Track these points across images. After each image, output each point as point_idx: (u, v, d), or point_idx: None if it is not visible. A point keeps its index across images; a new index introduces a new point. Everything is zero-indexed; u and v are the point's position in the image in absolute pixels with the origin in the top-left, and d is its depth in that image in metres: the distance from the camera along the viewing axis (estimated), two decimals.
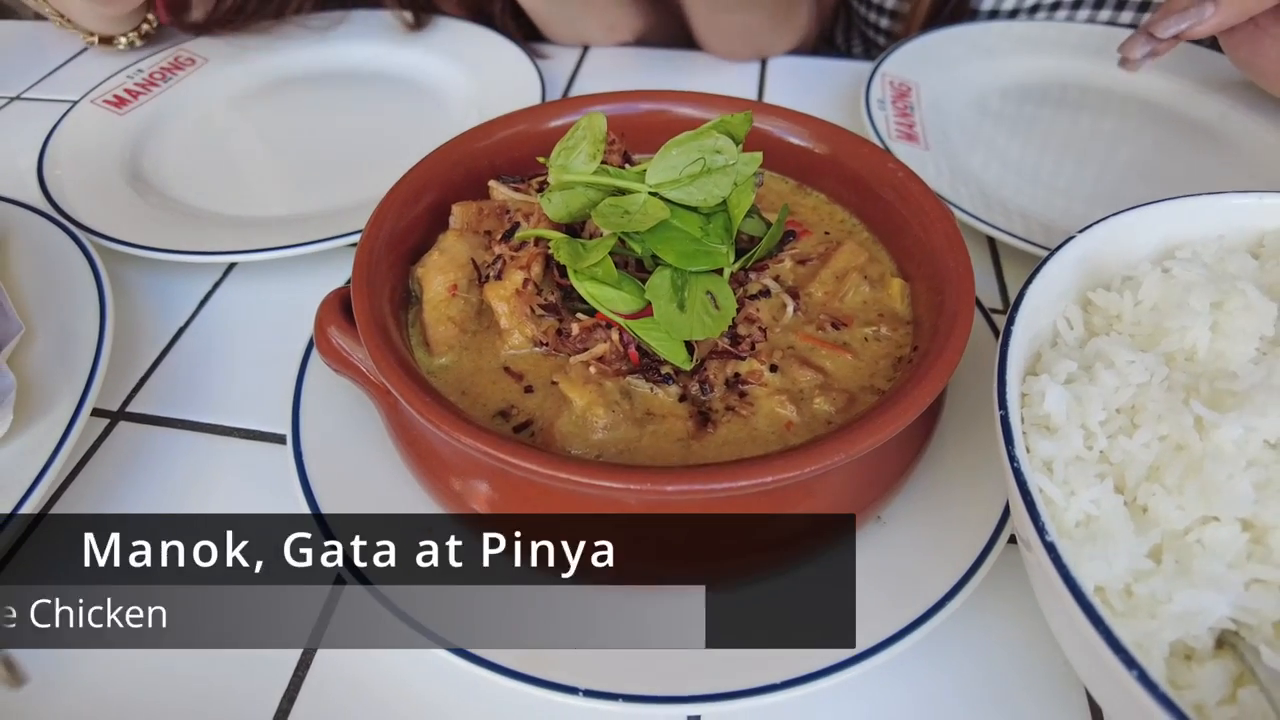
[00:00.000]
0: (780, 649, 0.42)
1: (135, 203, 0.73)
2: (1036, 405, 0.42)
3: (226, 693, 0.46)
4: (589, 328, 0.47)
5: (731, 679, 0.42)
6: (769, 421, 0.45)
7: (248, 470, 0.56)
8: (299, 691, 0.45)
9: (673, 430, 0.45)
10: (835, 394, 0.46)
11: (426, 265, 0.50)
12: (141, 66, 0.89)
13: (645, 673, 0.42)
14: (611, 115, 0.60)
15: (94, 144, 0.79)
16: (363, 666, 0.46)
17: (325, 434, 0.52)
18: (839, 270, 0.53)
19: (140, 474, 0.56)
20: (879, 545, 0.47)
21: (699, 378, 0.46)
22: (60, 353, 0.57)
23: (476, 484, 0.44)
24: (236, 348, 0.65)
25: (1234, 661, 0.36)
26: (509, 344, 0.49)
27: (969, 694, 0.45)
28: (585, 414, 0.44)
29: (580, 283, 0.46)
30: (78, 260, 0.64)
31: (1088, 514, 0.38)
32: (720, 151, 0.47)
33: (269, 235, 0.68)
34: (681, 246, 0.46)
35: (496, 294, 0.48)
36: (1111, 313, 0.48)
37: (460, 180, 0.56)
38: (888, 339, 0.50)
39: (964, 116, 0.82)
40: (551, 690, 0.40)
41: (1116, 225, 0.50)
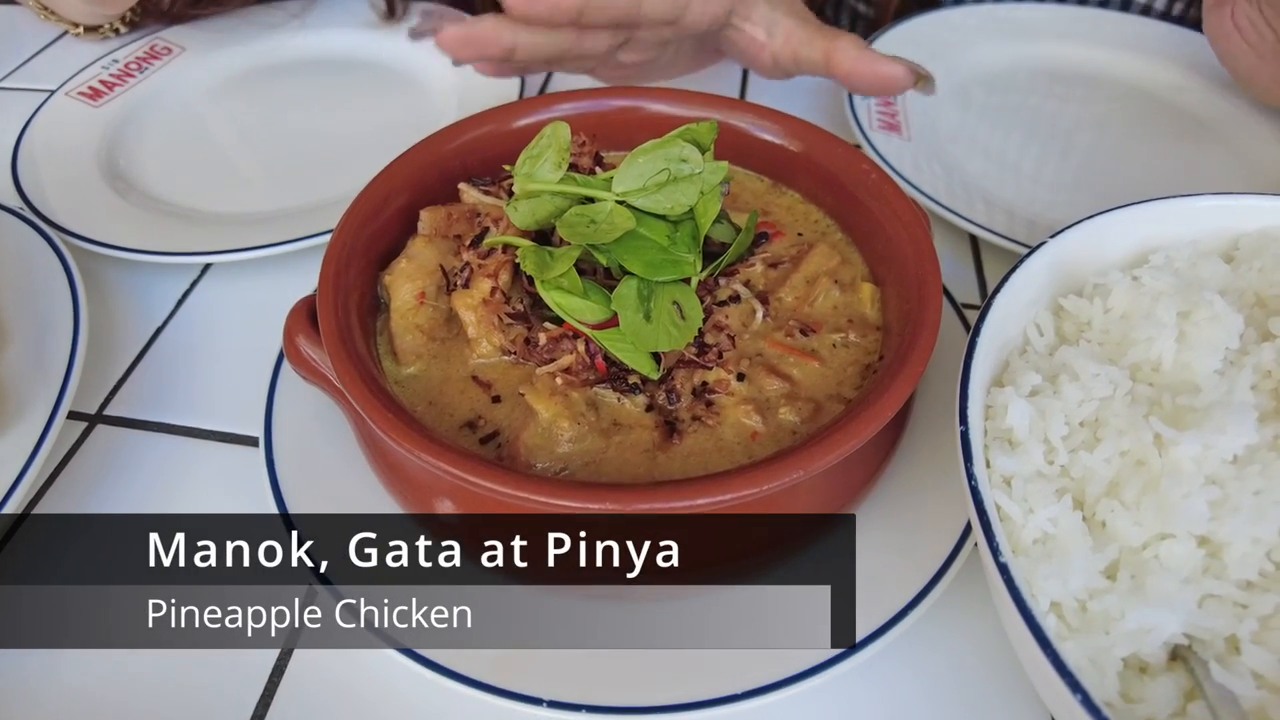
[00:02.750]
0: (751, 655, 0.43)
1: (112, 200, 0.73)
2: (1000, 418, 0.43)
3: (203, 694, 0.47)
4: (556, 337, 0.47)
5: (696, 689, 0.42)
6: (735, 432, 0.45)
7: (223, 473, 0.56)
8: (275, 693, 0.46)
9: (639, 441, 0.45)
10: (801, 403, 0.46)
11: (394, 273, 0.50)
12: (117, 57, 0.87)
13: (609, 682, 0.43)
14: (584, 113, 0.59)
15: (69, 138, 0.78)
16: (339, 668, 0.47)
17: (297, 437, 0.52)
18: (810, 275, 0.52)
19: (118, 477, 0.56)
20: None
21: (666, 387, 0.46)
22: (36, 356, 0.57)
23: (440, 496, 0.44)
24: (214, 348, 0.65)
25: (1185, 676, 0.37)
26: (477, 353, 0.49)
27: (936, 694, 0.45)
28: (551, 426, 0.44)
29: (547, 292, 0.46)
30: (52, 262, 0.64)
31: (1045, 532, 0.38)
32: (686, 160, 0.46)
33: (247, 233, 0.68)
34: (648, 256, 0.46)
35: (464, 303, 0.48)
36: (1082, 319, 0.48)
37: (432, 182, 0.56)
38: (856, 345, 0.50)
39: (948, 105, 0.81)
40: (516, 701, 0.41)
41: (1090, 229, 0.50)
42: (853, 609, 0.44)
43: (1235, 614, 0.37)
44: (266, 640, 0.47)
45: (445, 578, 0.46)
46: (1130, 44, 0.87)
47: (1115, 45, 0.88)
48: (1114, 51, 0.87)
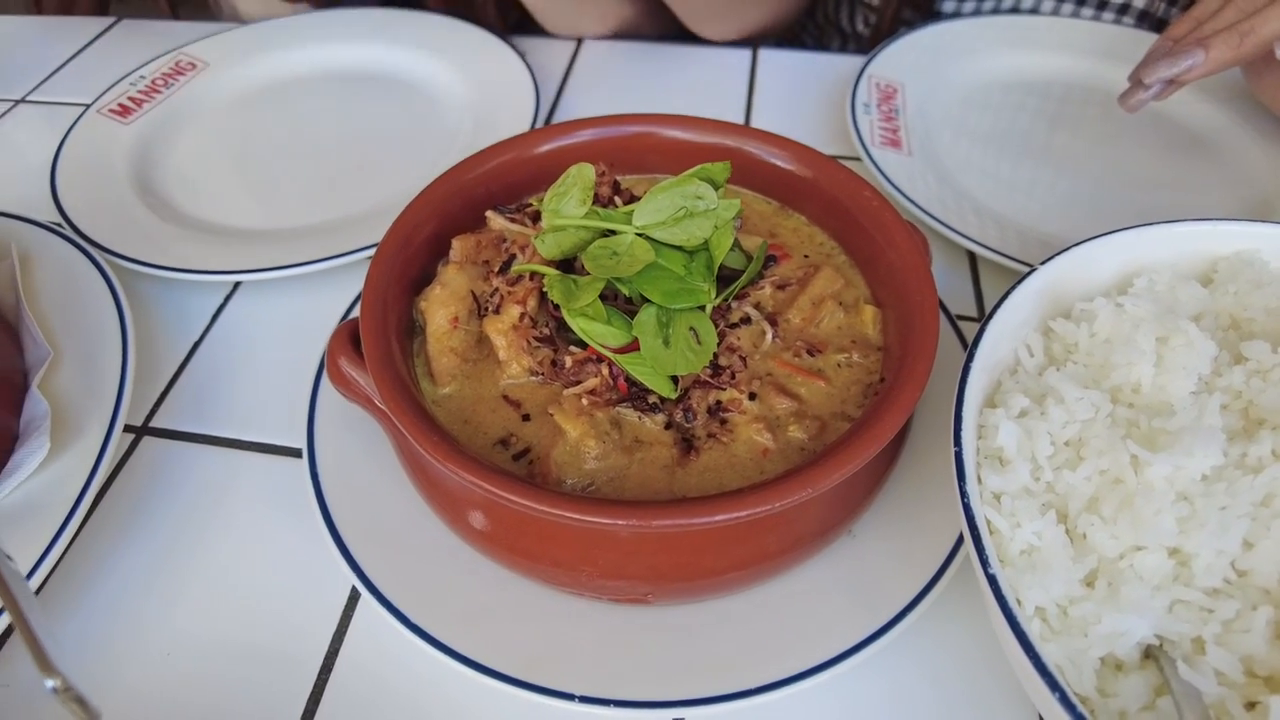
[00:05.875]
0: (762, 653, 0.47)
1: (145, 216, 0.76)
2: (991, 438, 0.46)
3: (255, 694, 0.51)
4: (581, 360, 0.50)
5: (714, 684, 0.46)
6: (747, 448, 0.49)
7: (267, 483, 0.60)
8: (324, 688, 0.50)
9: (659, 457, 0.49)
10: (809, 421, 0.50)
11: (430, 299, 0.54)
12: (143, 73, 0.90)
13: (634, 679, 0.47)
14: (602, 139, 0.63)
15: (102, 156, 0.81)
16: (381, 666, 0.51)
17: (337, 449, 0.56)
18: (816, 296, 0.56)
19: (166, 488, 0.60)
20: (849, 557, 0.51)
21: (683, 406, 0.50)
22: (86, 374, 0.61)
23: (476, 510, 0.48)
24: (250, 361, 0.68)
25: (1156, 673, 0.41)
26: (507, 374, 0.52)
27: (931, 693, 0.49)
28: (579, 444, 0.48)
29: (573, 319, 0.50)
30: (96, 280, 0.67)
31: (1031, 544, 0.42)
32: (701, 197, 0.50)
33: (276, 251, 0.72)
34: (666, 285, 0.49)
35: (495, 328, 0.52)
36: (1070, 342, 0.52)
37: (457, 210, 0.59)
38: (859, 365, 0.53)
39: (949, 118, 0.85)
40: (548, 696, 0.45)
41: (1078, 255, 0.53)
42: (857, 610, 0.49)
43: (1201, 618, 0.41)
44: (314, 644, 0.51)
45: (480, 583, 0.51)
46: (1127, 56, 0.89)
47: (1111, 57, 0.90)
48: (1109, 63, 0.90)
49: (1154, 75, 0.67)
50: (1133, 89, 0.71)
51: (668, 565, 0.46)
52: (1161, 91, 0.68)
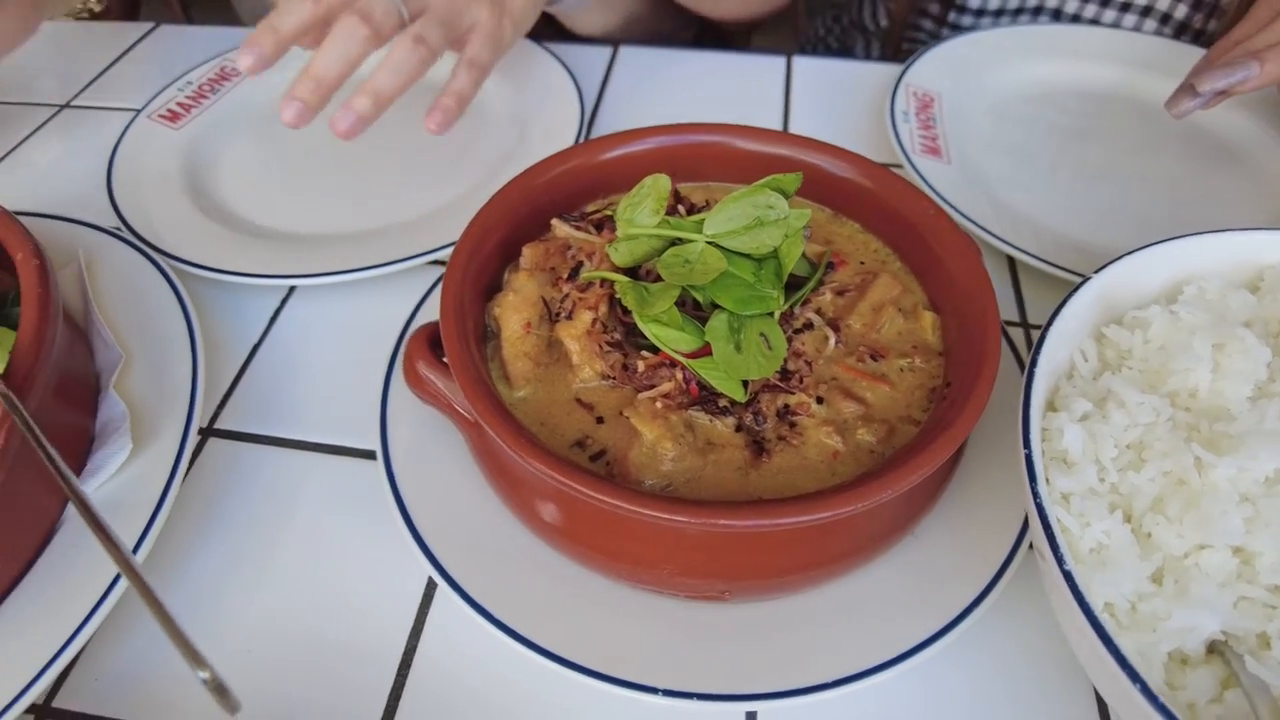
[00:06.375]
0: (829, 651, 0.49)
1: (200, 221, 0.77)
2: (1055, 441, 0.48)
3: (337, 688, 0.52)
4: (654, 365, 0.52)
5: (786, 679, 0.48)
6: (817, 451, 0.51)
7: (337, 484, 0.61)
8: (404, 687, 0.52)
9: (732, 459, 0.50)
10: (876, 424, 0.51)
11: (503, 305, 0.55)
12: (190, 79, 0.92)
13: (708, 673, 0.48)
14: (665, 147, 0.64)
15: (155, 161, 0.83)
16: (466, 660, 0.52)
17: (409, 451, 0.58)
18: (875, 303, 0.58)
19: (236, 489, 0.61)
20: (913, 557, 0.53)
21: (753, 410, 0.52)
22: (156, 376, 0.62)
23: (559, 509, 0.50)
24: (310, 364, 0.69)
25: (1222, 666, 0.43)
26: (580, 378, 0.54)
27: (989, 690, 0.51)
28: (655, 446, 0.49)
29: (645, 324, 0.51)
30: (159, 284, 0.69)
31: (1100, 542, 0.44)
32: (773, 207, 0.51)
33: (330, 256, 0.73)
34: (737, 293, 0.51)
35: (569, 333, 0.54)
36: (1123, 348, 0.54)
37: (524, 216, 0.61)
38: (921, 370, 0.55)
39: (985, 127, 0.86)
40: (632, 689, 0.47)
41: (1129, 264, 0.55)
42: (923, 608, 0.50)
43: (1266, 614, 0.42)
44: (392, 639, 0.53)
45: (556, 580, 0.52)
46: (1162, 67, 0.91)
47: (1148, 68, 0.92)
48: (1145, 74, 0.91)
49: (1208, 84, 0.68)
50: (1181, 95, 0.72)
51: (747, 564, 0.48)
52: (1209, 101, 0.70)
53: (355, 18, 0.68)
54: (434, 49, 0.71)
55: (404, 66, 0.70)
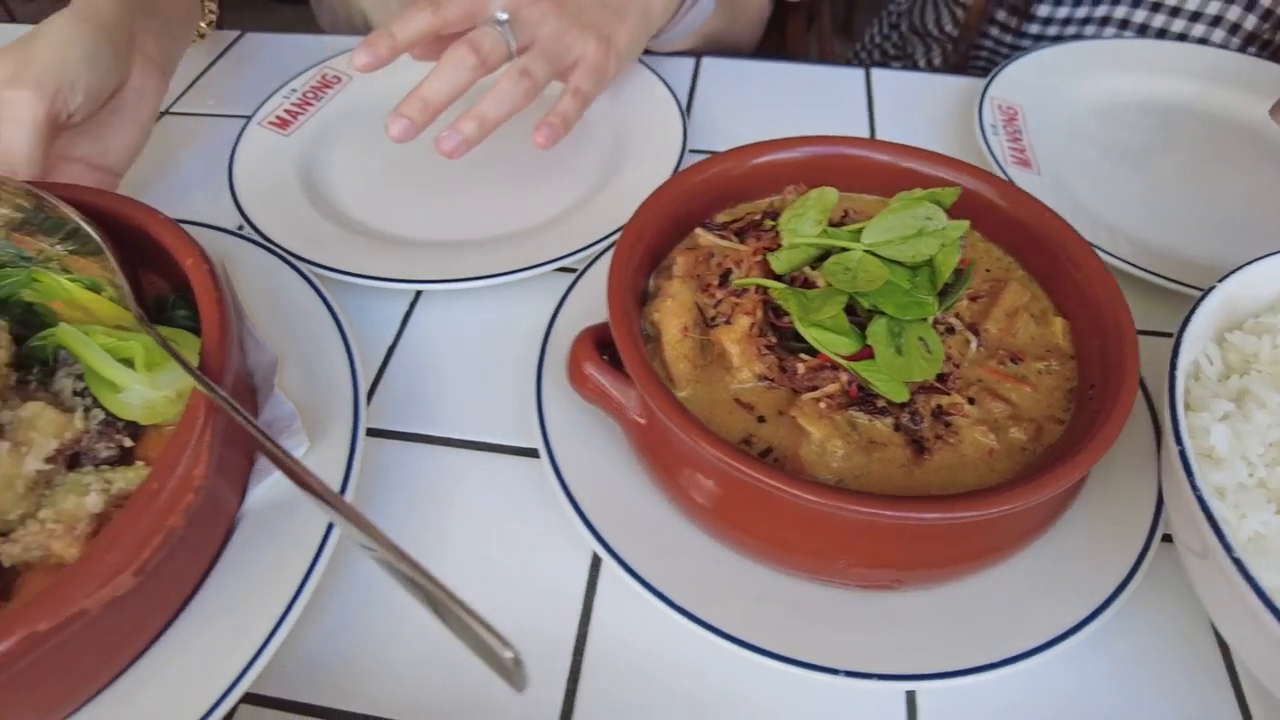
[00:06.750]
0: (983, 635, 0.52)
1: (323, 225, 0.80)
2: (1201, 439, 0.52)
3: None
4: (814, 367, 0.55)
5: (945, 662, 0.51)
6: (974, 448, 0.54)
7: (490, 479, 0.64)
8: (580, 671, 0.55)
9: (895, 457, 0.53)
10: (1026, 423, 0.55)
11: (662, 311, 0.58)
12: (294, 86, 0.94)
13: (870, 655, 0.52)
14: (811, 156, 0.68)
15: (272, 167, 0.85)
16: (632, 650, 0.55)
17: (568, 449, 0.61)
18: (1009, 308, 0.61)
19: (395, 484, 0.64)
20: (1054, 549, 0.56)
21: (909, 410, 0.55)
22: (308, 375, 0.65)
23: (737, 505, 0.53)
24: (446, 364, 0.72)
25: None
26: (737, 379, 0.57)
27: (1130, 673, 0.54)
28: (825, 444, 0.52)
29: (806, 328, 0.54)
30: (300, 286, 0.71)
31: (1258, 532, 0.48)
32: (931, 218, 0.55)
33: (456, 262, 0.75)
34: (897, 299, 0.54)
35: (729, 337, 0.57)
36: (1248, 352, 0.57)
37: (667, 224, 0.64)
38: (1058, 373, 0.58)
39: (1064, 139, 0.90)
40: (813, 670, 0.50)
41: (1250, 273, 0.59)
42: (1069, 596, 0.54)
43: None
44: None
45: (727, 571, 0.55)
46: (1233, 79, 0.95)
47: (1219, 80, 0.96)
48: (1217, 87, 0.95)
49: None
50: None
51: (921, 555, 0.51)
52: None
53: (466, 47, 0.74)
54: (538, 82, 0.77)
55: (508, 98, 0.75)
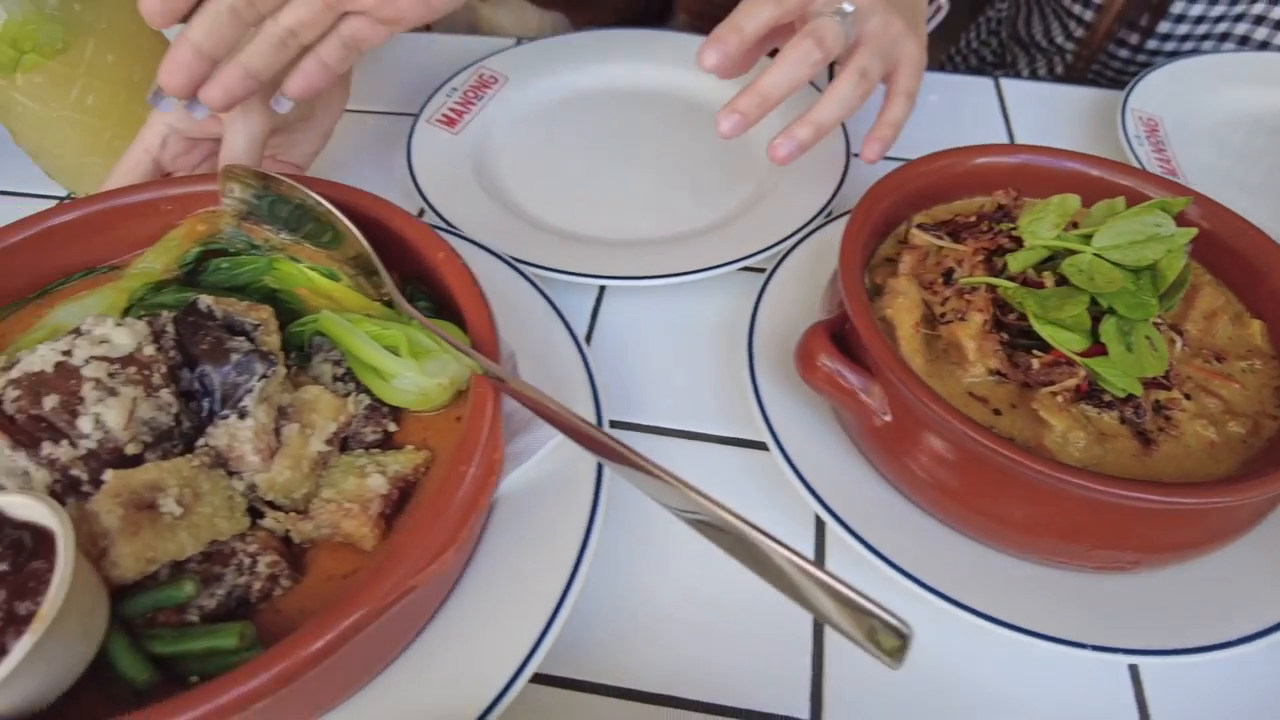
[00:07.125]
0: (1203, 616, 0.56)
1: (505, 219, 0.83)
2: None
3: (762, 650, 0.58)
4: (1049, 363, 0.59)
5: (1164, 640, 0.55)
6: (1196, 441, 0.58)
7: (707, 467, 0.67)
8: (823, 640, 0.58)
9: (1126, 448, 0.57)
10: (1241, 418, 0.59)
11: (895, 308, 0.62)
12: (455, 85, 0.97)
13: (1098, 631, 0.55)
14: (1023, 164, 0.71)
15: (446, 163, 0.88)
16: None
17: (794, 441, 0.64)
18: (1206, 311, 0.65)
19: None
20: (1265, 538, 0.60)
21: (1132, 404, 0.59)
22: (544, 371, 0.67)
23: (984, 492, 0.56)
24: (637, 357, 0.75)
25: None
26: (970, 373, 0.60)
27: None
28: (1066, 435, 0.56)
29: (1041, 326, 0.58)
30: (514, 279, 0.74)
31: None
32: (1160, 225, 0.58)
33: (635, 260, 0.78)
34: (1127, 300, 0.58)
35: (965, 333, 0.60)
36: None
37: (877, 220, 0.68)
38: (1261, 372, 0.62)
39: (1211, 150, 0.94)
40: (1064, 645, 0.54)
41: None
42: None
43: None
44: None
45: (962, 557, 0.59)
46: None
47: None
48: None
49: None
50: None
51: (1160, 538, 0.54)
52: None
53: (811, 41, 0.68)
54: (872, 82, 0.72)
55: (848, 100, 0.71)
